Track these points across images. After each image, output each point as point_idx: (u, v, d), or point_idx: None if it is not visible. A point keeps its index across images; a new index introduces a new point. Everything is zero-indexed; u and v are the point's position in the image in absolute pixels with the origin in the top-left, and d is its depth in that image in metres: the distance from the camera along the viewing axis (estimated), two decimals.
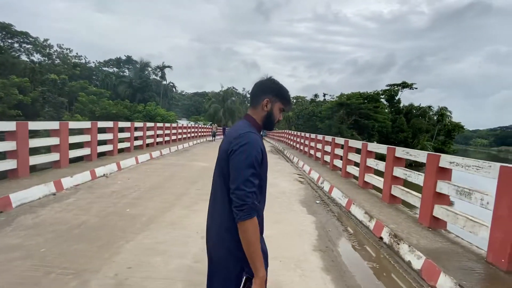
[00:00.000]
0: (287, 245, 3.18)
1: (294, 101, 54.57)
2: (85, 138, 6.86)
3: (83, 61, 36.18)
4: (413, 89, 40.11)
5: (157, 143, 11.58)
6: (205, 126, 25.43)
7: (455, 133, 38.80)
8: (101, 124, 7.58)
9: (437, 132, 37.55)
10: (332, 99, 41.62)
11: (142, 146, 9.87)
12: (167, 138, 12.70)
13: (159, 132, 11.69)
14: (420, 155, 3.89)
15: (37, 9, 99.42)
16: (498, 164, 2.63)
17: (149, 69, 33.29)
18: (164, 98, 34.14)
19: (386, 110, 38.78)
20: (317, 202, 5.09)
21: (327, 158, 8.66)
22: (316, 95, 51.93)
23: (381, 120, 34.38)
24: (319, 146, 9.54)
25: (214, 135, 22.20)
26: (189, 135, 17.11)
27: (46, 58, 30.31)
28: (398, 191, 4.38)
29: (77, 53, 35.06)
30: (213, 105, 36.30)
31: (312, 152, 10.47)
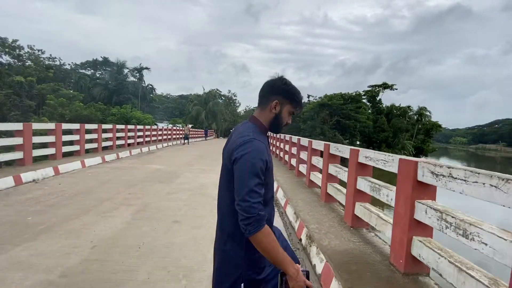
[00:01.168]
0: (189, 253, 2.86)
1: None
2: (17, 141, 6.36)
3: (57, 63, 34.88)
4: (393, 90, 40.98)
5: (120, 145, 11.07)
6: (182, 128, 24.60)
7: (434, 132, 39.80)
8: (36, 126, 7.11)
9: (417, 131, 38.39)
10: (315, 100, 41.90)
11: (97, 149, 9.35)
12: (131, 141, 12.19)
13: (121, 134, 11.17)
14: (345, 151, 3.67)
15: (14, 10, 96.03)
16: (398, 157, 2.42)
17: (126, 70, 32.42)
18: (143, 101, 33.29)
19: (369, 111, 39.42)
20: None
21: (287, 157, 8.45)
22: None
23: (362, 120, 34.78)
24: (282, 145, 9.33)
25: (186, 137, 19.45)
26: (160, 138, 16.61)
27: (16, 60, 29.00)
28: (332, 189, 4.15)
29: (50, 55, 33.69)
30: (195, 107, 35.72)
31: (276, 151, 10.25)
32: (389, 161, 2.58)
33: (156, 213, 4.00)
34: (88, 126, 9.05)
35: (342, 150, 3.84)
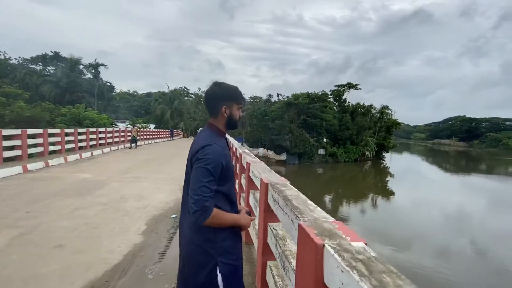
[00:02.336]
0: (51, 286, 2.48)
1: (251, 100, 54.60)
2: None
3: (1, 57, 31.38)
4: (357, 89, 42.71)
5: (53, 151, 10.06)
6: (141, 129, 23.24)
7: (394, 129, 42.13)
8: None
9: (379, 129, 40.39)
10: (283, 99, 42.34)
11: (21, 157, 8.36)
12: (70, 146, 11.16)
13: (55, 139, 10.15)
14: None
15: None
16: (261, 176, 2.25)
17: (82, 67, 29.97)
18: (101, 99, 31.11)
19: (335, 109, 40.69)
20: (173, 216, 4.50)
21: None
22: (270, 95, 52.58)
23: (328, 119, 35.80)
24: None
25: (134, 141, 16.49)
26: (110, 141, 15.53)
27: None
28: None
29: None
30: (159, 106, 34.20)
31: None
32: (256, 178, 2.42)
33: (40, 237, 3.51)
34: (5, 132, 8.01)
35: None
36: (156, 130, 27.78)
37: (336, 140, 37.33)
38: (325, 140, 36.65)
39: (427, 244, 10.63)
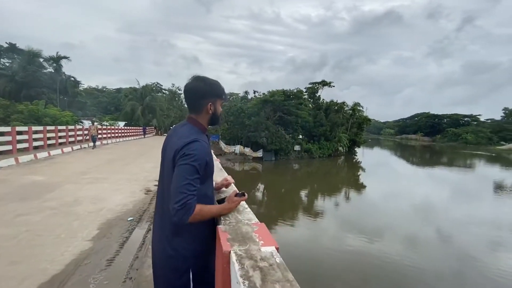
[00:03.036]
0: None
1: (228, 97, 54.01)
2: None
3: None
4: (331, 87, 43.93)
5: (1, 152, 9.13)
6: (107, 126, 21.94)
7: (365, 125, 44.00)
8: None
9: (351, 125, 41.96)
10: (259, 96, 42.39)
11: None
12: (24, 145, 10.22)
13: (5, 138, 9.22)
14: None
15: None
16: None
17: (41, 60, 27.49)
18: (65, 95, 28.89)
19: (310, 105, 41.55)
20: (129, 219, 4.24)
21: None
22: (246, 92, 52.39)
23: (303, 116, 36.46)
24: None
25: (94, 140, 14.68)
26: (72, 139, 14.47)
27: None
28: None
29: None
30: (129, 102, 32.55)
31: None
32: None
33: None
34: None
35: None
36: (126, 128, 26.45)
37: (311, 137, 38.20)
38: (300, 136, 37.33)
39: (396, 234, 11.19)
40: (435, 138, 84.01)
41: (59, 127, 13.63)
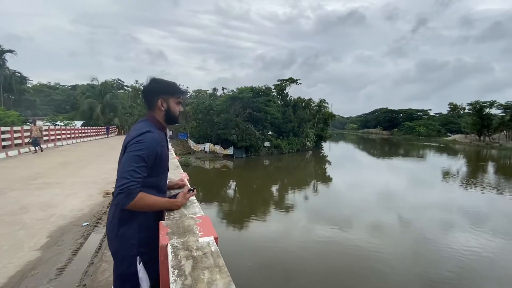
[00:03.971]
0: None
1: (196, 94, 52.56)
2: None
3: None
4: (298, 84, 45.14)
5: None
6: (62, 127, 20.13)
7: (330, 121, 46.11)
8: None
9: (317, 121, 43.65)
10: (228, 93, 42.08)
11: None
12: None
13: None
14: None
15: None
16: None
17: None
18: (10, 93, 25.74)
19: (278, 102, 42.31)
20: (84, 224, 3.98)
21: None
22: (215, 89, 51.62)
23: (272, 112, 37.02)
24: None
25: (35, 143, 12.18)
26: (19, 141, 13.01)
27: None
28: None
29: None
30: (87, 100, 30.15)
31: None
32: None
33: None
34: None
35: None
36: (85, 128, 24.51)
37: (280, 133, 39.01)
38: (270, 133, 37.91)
39: (362, 222, 11.93)
40: (392, 131, 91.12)
41: (3, 128, 12.18)
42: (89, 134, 24.15)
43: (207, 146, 31.43)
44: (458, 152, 44.77)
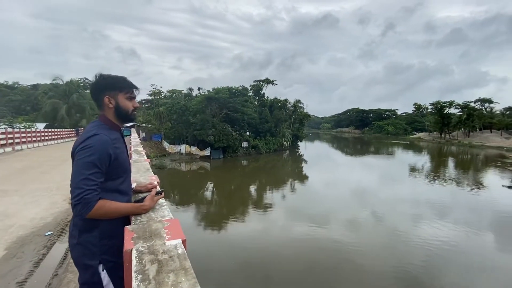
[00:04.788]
0: None
1: (170, 94, 50.98)
2: None
3: None
4: (274, 85, 45.72)
5: None
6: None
7: (305, 121, 47.29)
8: None
9: (293, 121, 44.53)
10: (204, 93, 41.47)
11: None
12: None
13: None
14: None
15: None
16: None
17: None
18: None
19: (256, 103, 42.52)
20: (48, 233, 3.71)
21: None
22: (190, 89, 50.62)
23: (249, 113, 37.10)
24: None
25: None
26: None
27: None
28: None
29: None
30: (50, 100, 28.01)
31: None
32: None
33: None
34: None
35: None
36: (48, 130, 22.75)
37: (258, 133, 39.24)
38: (247, 133, 37.99)
39: (338, 218, 12.34)
40: (364, 131, 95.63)
41: None
42: (53, 137, 22.48)
43: (183, 148, 30.72)
44: (422, 149, 48.12)
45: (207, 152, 31.64)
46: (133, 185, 1.57)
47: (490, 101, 59.69)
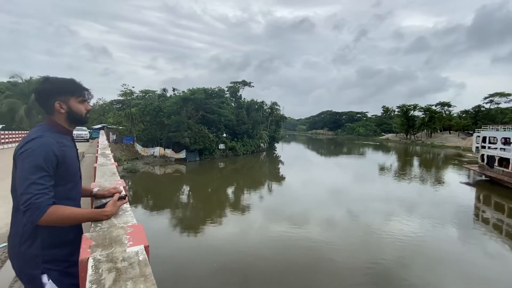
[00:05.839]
0: None
1: (143, 95, 49.05)
2: None
3: None
4: (251, 87, 45.95)
5: None
6: None
7: (282, 122, 48.08)
8: None
9: (270, 123, 45.05)
10: (178, 94, 40.53)
11: None
12: None
13: None
14: None
15: None
16: None
17: None
18: None
19: (233, 105, 42.36)
20: (1, 246, 3.38)
21: None
22: (165, 90, 49.20)
23: (226, 114, 36.87)
24: None
25: None
26: None
27: None
28: None
29: None
30: (6, 100, 25.63)
31: None
32: None
33: None
34: None
35: None
36: (5, 132, 20.79)
37: (235, 135, 39.15)
38: (224, 135, 37.71)
39: (315, 217, 12.64)
40: (337, 132, 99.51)
41: None
42: (10, 139, 20.60)
43: (157, 150, 29.72)
44: (390, 149, 51.12)
45: (182, 154, 30.89)
46: (95, 189, 1.48)
47: (449, 105, 65.08)
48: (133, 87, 40.13)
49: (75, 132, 22.65)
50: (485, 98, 60.56)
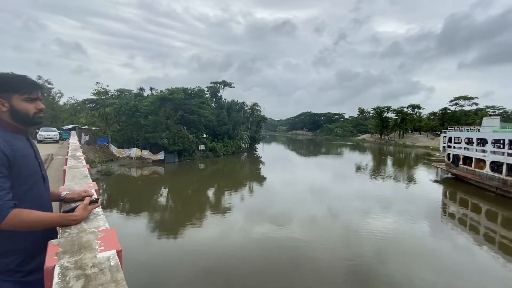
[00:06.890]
0: None
1: (118, 94, 47.00)
2: None
3: None
4: (232, 87, 45.76)
5: None
6: None
7: (263, 123, 48.33)
8: None
9: (251, 124, 45.10)
10: (156, 94, 39.38)
11: None
12: None
13: None
14: None
15: None
16: None
17: None
18: None
19: (213, 105, 41.87)
20: None
21: None
22: (141, 89, 47.57)
23: (206, 115, 36.38)
24: None
25: None
26: None
27: None
28: None
29: None
30: None
31: None
32: None
33: None
34: None
35: None
36: None
37: (215, 135, 38.74)
38: (204, 135, 37.18)
39: (296, 216, 12.79)
40: (316, 133, 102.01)
41: None
42: None
43: (133, 152, 28.65)
44: (366, 149, 53.28)
45: (160, 156, 30.03)
46: (63, 193, 1.40)
47: (419, 107, 69.18)
48: (107, 86, 38.45)
49: (42, 133, 21.17)
50: (451, 101, 65.16)
